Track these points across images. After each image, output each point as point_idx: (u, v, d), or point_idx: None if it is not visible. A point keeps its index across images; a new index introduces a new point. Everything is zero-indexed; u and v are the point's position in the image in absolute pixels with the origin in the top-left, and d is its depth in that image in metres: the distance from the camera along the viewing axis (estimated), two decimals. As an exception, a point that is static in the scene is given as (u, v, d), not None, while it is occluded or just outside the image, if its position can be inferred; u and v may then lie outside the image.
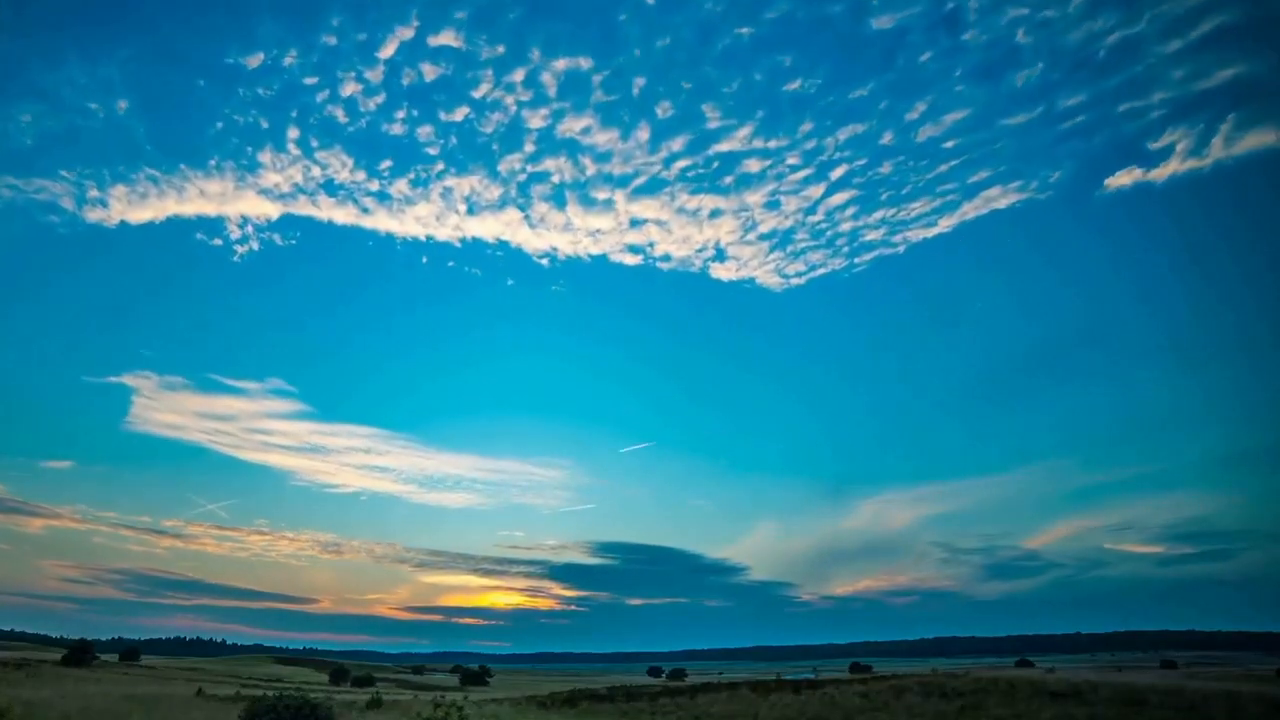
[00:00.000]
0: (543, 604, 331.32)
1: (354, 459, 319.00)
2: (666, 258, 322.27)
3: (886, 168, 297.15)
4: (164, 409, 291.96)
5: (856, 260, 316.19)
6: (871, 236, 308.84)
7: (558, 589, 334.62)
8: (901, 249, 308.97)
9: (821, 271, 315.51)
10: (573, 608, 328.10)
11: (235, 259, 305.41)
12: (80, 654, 54.43)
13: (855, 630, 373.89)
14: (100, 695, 28.46)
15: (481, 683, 68.42)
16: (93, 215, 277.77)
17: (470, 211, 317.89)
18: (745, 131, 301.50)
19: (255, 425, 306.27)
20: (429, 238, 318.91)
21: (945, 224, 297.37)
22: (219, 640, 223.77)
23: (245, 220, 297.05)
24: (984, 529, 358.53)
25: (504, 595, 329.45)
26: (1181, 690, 23.60)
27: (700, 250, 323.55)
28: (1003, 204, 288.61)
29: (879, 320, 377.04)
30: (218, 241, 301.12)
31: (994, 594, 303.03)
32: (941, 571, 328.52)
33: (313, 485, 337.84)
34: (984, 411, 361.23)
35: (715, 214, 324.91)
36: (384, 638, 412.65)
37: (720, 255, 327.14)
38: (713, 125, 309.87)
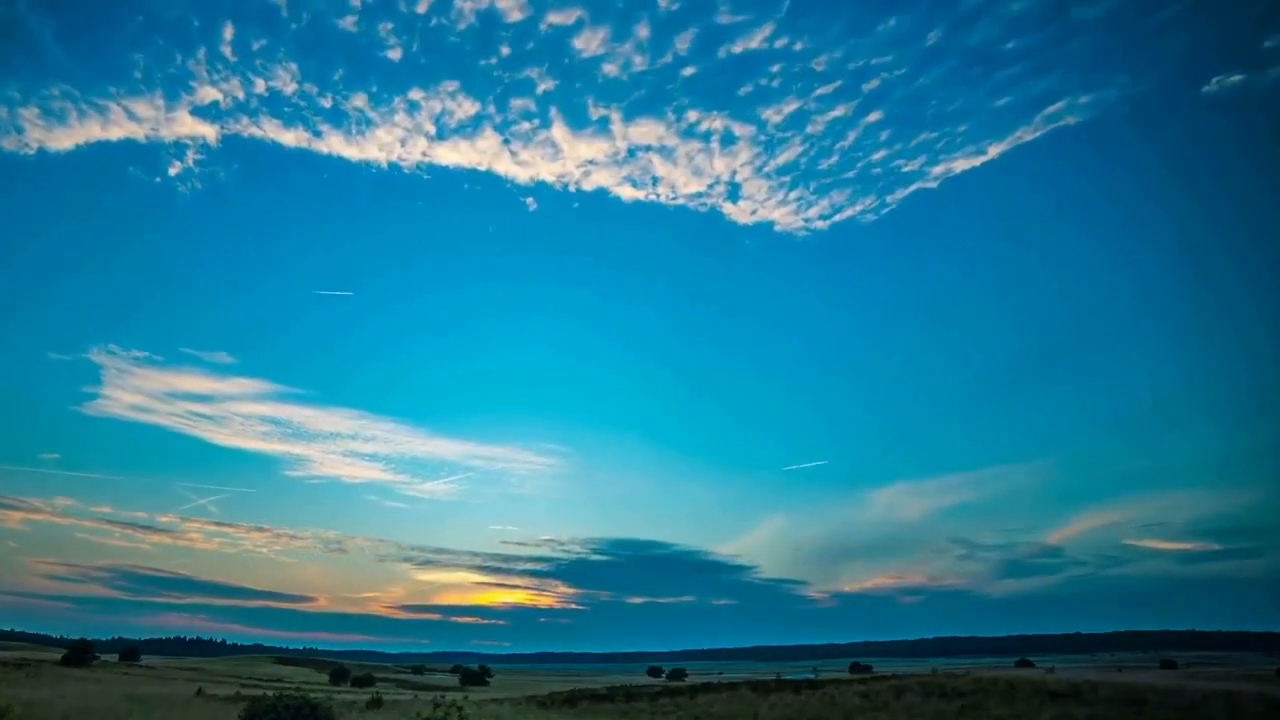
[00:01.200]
0: (542, 602, 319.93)
1: (340, 445, 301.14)
2: (673, 196, 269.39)
3: (930, 77, 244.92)
4: (134, 390, 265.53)
5: (888, 198, 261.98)
6: (909, 167, 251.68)
7: (558, 587, 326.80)
8: (936, 184, 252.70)
9: (848, 213, 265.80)
10: (573, 606, 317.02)
11: (178, 198, 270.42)
12: (80, 654, 54.41)
13: (866, 629, 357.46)
14: (100, 695, 28.48)
15: (481, 683, 68.40)
16: (8, 143, 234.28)
17: (439, 135, 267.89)
18: (766, 30, 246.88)
19: (236, 409, 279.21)
20: (392, 166, 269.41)
21: (995, 150, 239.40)
22: (219, 640, 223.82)
23: (182, 147, 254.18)
24: (1005, 523, 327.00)
25: (502, 593, 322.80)
26: (1181, 690, 23.59)
27: (713, 185, 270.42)
28: (1069, 122, 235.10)
29: (903, 278, 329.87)
30: (156, 179, 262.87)
31: (1007, 592, 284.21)
32: (957, 568, 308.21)
33: (299, 476, 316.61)
34: (1014, 391, 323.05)
35: (729, 140, 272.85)
36: (382, 637, 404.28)
37: (734, 192, 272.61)
38: (725, 19, 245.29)
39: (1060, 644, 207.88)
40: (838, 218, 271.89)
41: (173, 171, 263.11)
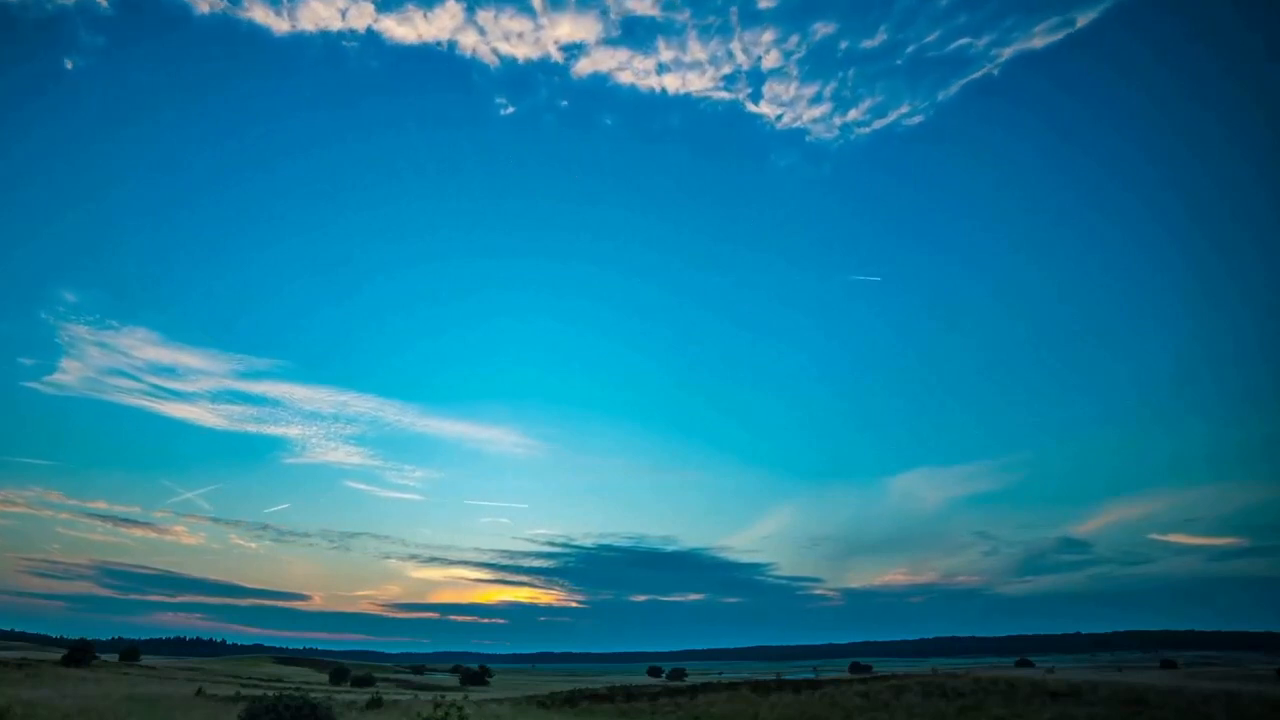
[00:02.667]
0: (543, 599, 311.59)
1: (323, 429, 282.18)
2: (682, 88, 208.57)
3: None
4: (93, 364, 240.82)
5: (939, 94, 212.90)
6: (976, 45, 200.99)
7: (559, 584, 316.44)
8: (999, 70, 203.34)
9: (891, 117, 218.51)
10: (573, 604, 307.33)
11: (82, 100, 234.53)
12: (80, 654, 54.41)
13: (878, 629, 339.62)
14: (100, 695, 28.50)
15: (481, 683, 68.38)
16: None
17: (386, 2, 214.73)
18: None
19: (205, 386, 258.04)
20: (328, 42, 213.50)
21: (1083, 20, 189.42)
22: (218, 640, 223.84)
23: (67, 13, 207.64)
24: (1028, 515, 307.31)
25: (501, 591, 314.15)
26: (1181, 690, 23.59)
27: (733, 78, 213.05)
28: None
29: (939, 213, 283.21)
30: (51, 71, 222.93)
31: (1025, 591, 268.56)
32: (974, 565, 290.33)
33: (287, 465, 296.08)
34: (1054, 364, 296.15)
35: (751, 15, 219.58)
36: (381, 637, 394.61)
37: (758, 84, 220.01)
38: None
39: (1060, 644, 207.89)
40: (878, 124, 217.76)
41: (69, 66, 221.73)
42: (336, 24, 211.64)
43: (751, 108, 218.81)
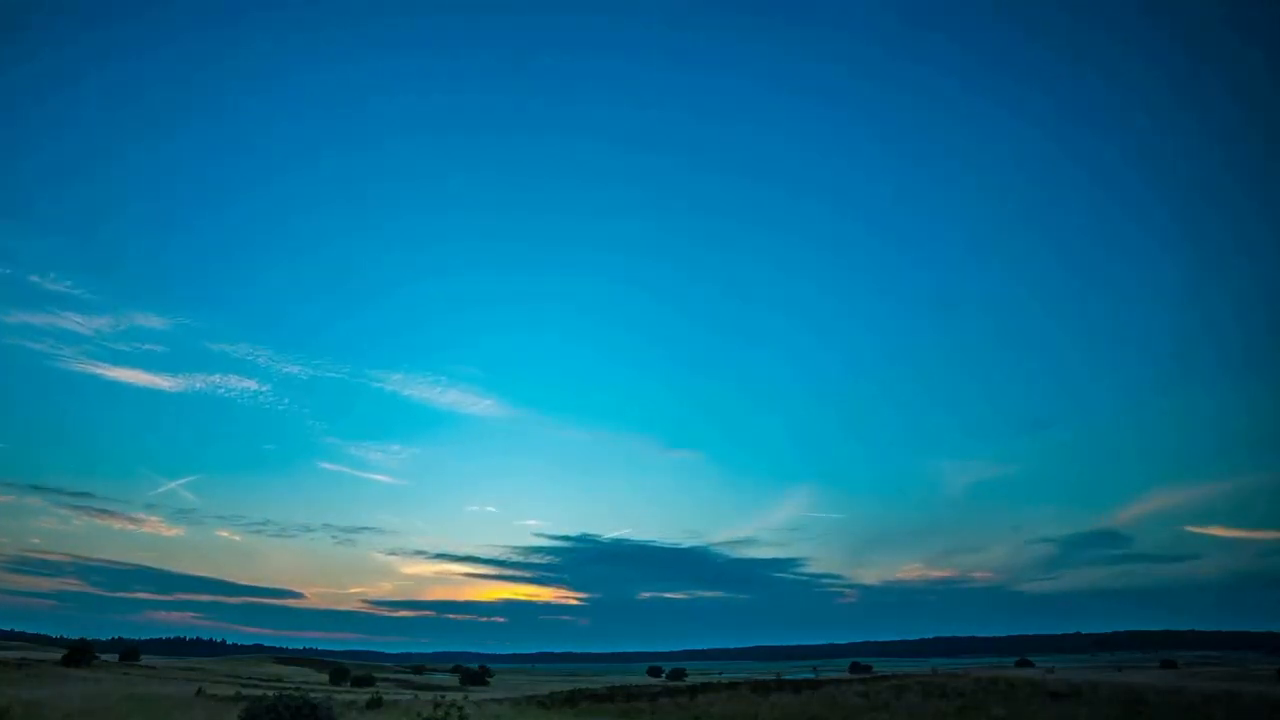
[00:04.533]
0: (542, 597, 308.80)
1: (303, 407, 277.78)
2: None
3: None
4: (30, 318, 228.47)
5: None
6: None
7: (560, 581, 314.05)
8: None
9: None
10: (573, 601, 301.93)
11: None
12: (80, 654, 54.41)
13: (889, 628, 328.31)
14: (100, 695, 28.53)
15: (481, 683, 68.37)
16: None
17: None
18: None
19: (173, 351, 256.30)
20: None
21: None
22: (218, 640, 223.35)
23: None
24: (1065, 506, 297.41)
25: (498, 589, 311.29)
26: (1181, 690, 23.61)
27: None
28: None
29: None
30: None
31: (1049, 589, 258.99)
32: (1005, 558, 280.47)
33: (270, 452, 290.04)
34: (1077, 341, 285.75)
35: None
36: (380, 636, 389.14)
37: None
38: None
39: (1061, 644, 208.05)
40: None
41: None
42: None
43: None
